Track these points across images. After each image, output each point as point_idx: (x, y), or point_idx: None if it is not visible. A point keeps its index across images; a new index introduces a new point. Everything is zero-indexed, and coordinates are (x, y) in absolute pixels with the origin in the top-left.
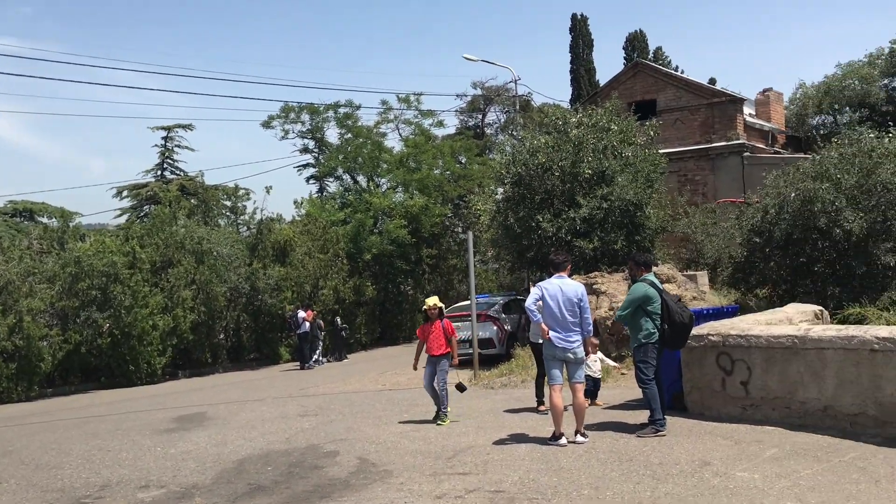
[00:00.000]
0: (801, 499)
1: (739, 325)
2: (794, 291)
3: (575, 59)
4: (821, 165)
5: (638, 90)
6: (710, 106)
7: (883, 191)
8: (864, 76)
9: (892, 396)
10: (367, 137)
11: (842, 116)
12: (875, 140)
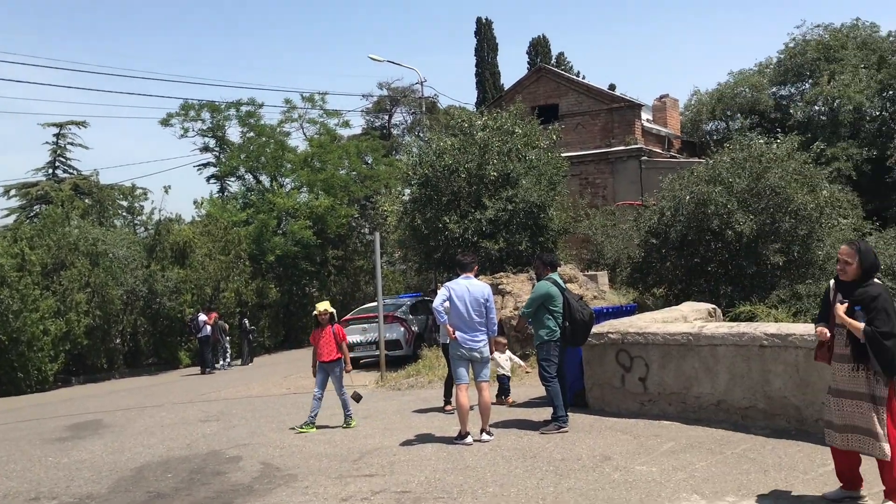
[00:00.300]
0: (696, 490)
1: (637, 324)
2: (689, 290)
3: (480, 62)
4: (714, 170)
5: (541, 94)
6: (610, 111)
7: (771, 194)
8: (755, 84)
9: (780, 390)
10: (270, 136)
11: (734, 122)
12: (764, 146)
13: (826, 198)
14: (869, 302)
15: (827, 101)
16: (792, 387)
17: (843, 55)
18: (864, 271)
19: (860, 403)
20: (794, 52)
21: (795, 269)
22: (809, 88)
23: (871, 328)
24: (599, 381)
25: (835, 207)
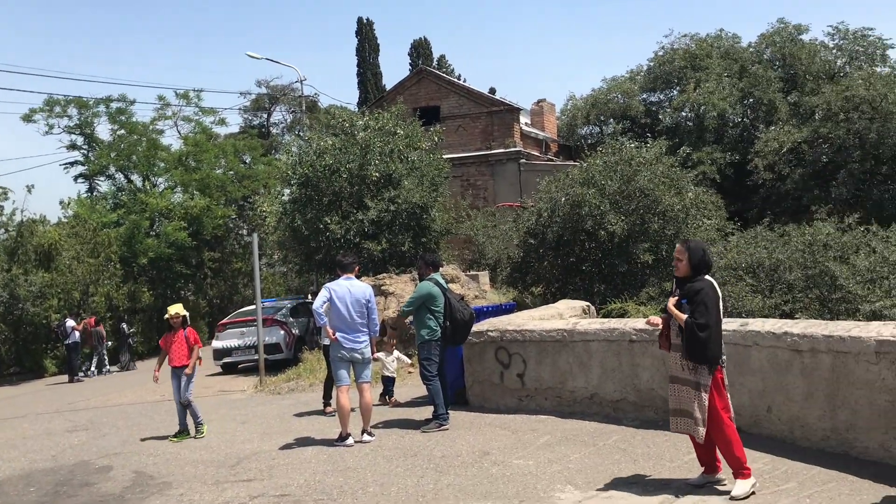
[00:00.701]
0: (570, 481)
1: (516, 321)
2: (566, 289)
3: (362, 62)
4: (587, 172)
5: (422, 96)
6: (490, 114)
7: (641, 196)
8: (626, 91)
9: (648, 382)
10: (142, 134)
11: (607, 127)
12: (634, 150)
13: (691, 199)
14: (692, 296)
15: (693, 108)
16: (659, 379)
17: (708, 64)
18: (694, 268)
19: (681, 388)
20: (662, 61)
21: (664, 268)
22: (677, 95)
23: (691, 319)
24: (479, 379)
25: (700, 209)
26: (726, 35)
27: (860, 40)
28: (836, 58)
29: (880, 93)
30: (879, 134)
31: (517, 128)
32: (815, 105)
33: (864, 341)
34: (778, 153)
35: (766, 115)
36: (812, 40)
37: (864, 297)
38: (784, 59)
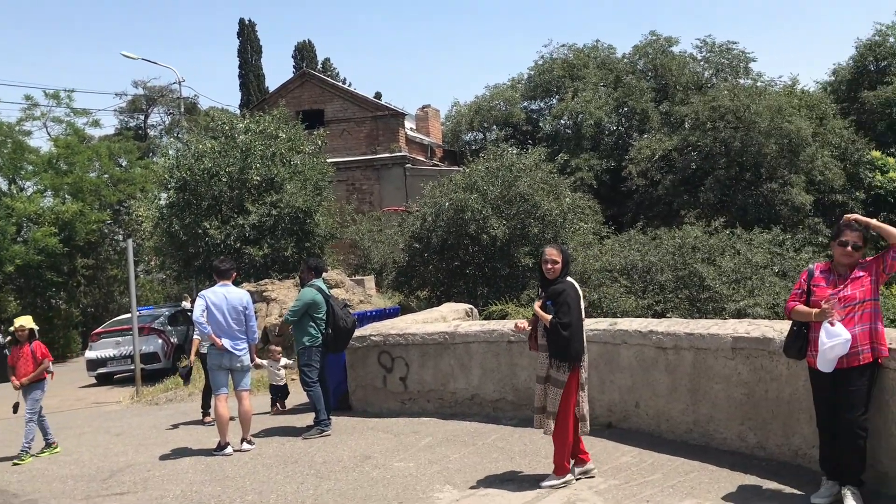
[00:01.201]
0: (448, 481)
1: (399, 325)
2: (450, 292)
3: (244, 64)
4: (470, 178)
5: (306, 99)
6: (375, 119)
7: (521, 201)
8: (508, 98)
9: (526, 382)
10: (7, 136)
11: (490, 133)
12: (515, 156)
13: (569, 204)
14: (556, 297)
15: (572, 116)
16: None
17: (586, 74)
18: (563, 270)
19: (544, 387)
20: (542, 70)
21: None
22: (556, 104)
23: (555, 319)
24: (362, 383)
25: (577, 213)
26: (602, 46)
27: (725, 53)
28: (704, 69)
29: (744, 103)
30: (743, 142)
31: (402, 133)
32: (685, 115)
33: (721, 338)
34: (650, 160)
35: (639, 124)
36: (682, 52)
37: (730, 297)
38: (656, 70)
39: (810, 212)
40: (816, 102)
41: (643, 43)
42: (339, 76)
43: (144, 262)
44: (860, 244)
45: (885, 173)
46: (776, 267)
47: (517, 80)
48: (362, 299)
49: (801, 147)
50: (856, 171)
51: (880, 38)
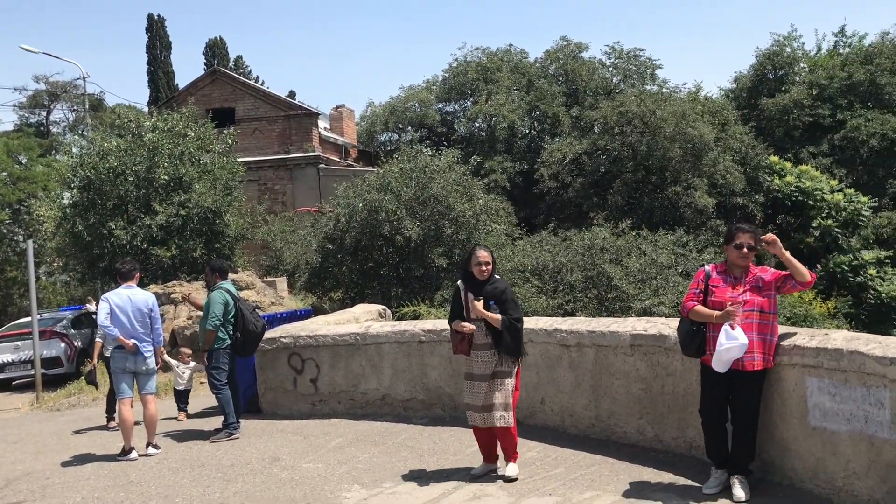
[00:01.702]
0: (357, 480)
1: (310, 327)
2: (364, 293)
3: (153, 60)
4: (384, 179)
5: (216, 97)
6: (288, 118)
7: (435, 202)
8: (423, 100)
9: (437, 381)
10: None
11: (405, 135)
12: (429, 158)
13: (482, 206)
14: (500, 296)
15: (485, 119)
16: (446, 377)
17: (499, 77)
18: (493, 270)
19: (496, 382)
20: (456, 72)
21: (457, 271)
22: (470, 106)
23: (507, 317)
24: (272, 386)
25: (490, 215)
26: (515, 50)
27: (633, 60)
28: (613, 75)
29: (650, 109)
30: (649, 147)
31: (316, 132)
32: (594, 119)
33: (621, 335)
34: (561, 163)
35: (551, 128)
36: (591, 58)
37: (636, 296)
38: (567, 75)
39: (712, 214)
40: (719, 109)
41: (554, 48)
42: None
43: (46, 264)
44: (753, 245)
45: (782, 177)
46: (680, 267)
47: (432, 81)
48: (274, 301)
49: (704, 152)
50: (755, 175)
51: (778, 48)
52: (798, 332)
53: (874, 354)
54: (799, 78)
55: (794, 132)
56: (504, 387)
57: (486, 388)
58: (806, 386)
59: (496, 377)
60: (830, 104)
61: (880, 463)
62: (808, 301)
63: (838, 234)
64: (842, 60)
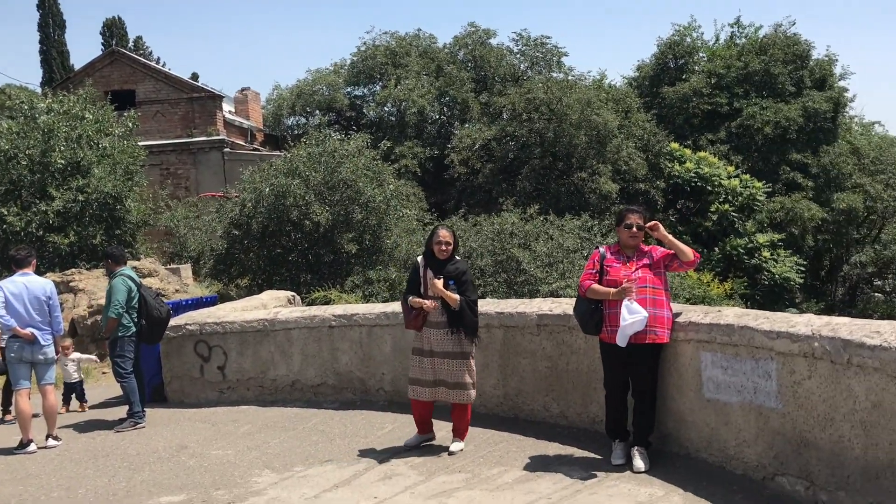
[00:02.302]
0: (268, 465)
1: (217, 314)
2: (272, 280)
3: (45, 39)
4: (292, 163)
5: (115, 79)
6: (191, 101)
7: (344, 187)
8: (331, 83)
9: (347, 366)
10: None
11: (313, 119)
12: (338, 142)
13: (392, 191)
14: (460, 276)
15: (395, 103)
16: (357, 361)
17: (408, 62)
18: (454, 251)
19: (452, 361)
20: (365, 56)
21: (367, 256)
22: (380, 91)
23: (465, 298)
24: (178, 374)
25: (400, 200)
26: (424, 35)
27: (540, 47)
28: (520, 62)
29: (556, 96)
30: (556, 134)
31: (220, 116)
32: (503, 106)
33: (528, 316)
34: (471, 149)
35: (460, 114)
36: (499, 45)
37: (544, 280)
38: (475, 61)
39: (616, 199)
40: (622, 97)
41: (463, 34)
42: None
43: None
44: (643, 224)
45: (682, 164)
46: (585, 251)
47: (340, 65)
48: (178, 288)
49: (608, 139)
50: (657, 161)
51: (679, 38)
52: (693, 309)
53: (762, 329)
54: (698, 67)
55: (694, 120)
56: (468, 366)
57: (437, 364)
58: (700, 360)
59: (458, 357)
60: (728, 93)
61: (768, 431)
62: (707, 283)
63: (735, 219)
64: (738, 51)
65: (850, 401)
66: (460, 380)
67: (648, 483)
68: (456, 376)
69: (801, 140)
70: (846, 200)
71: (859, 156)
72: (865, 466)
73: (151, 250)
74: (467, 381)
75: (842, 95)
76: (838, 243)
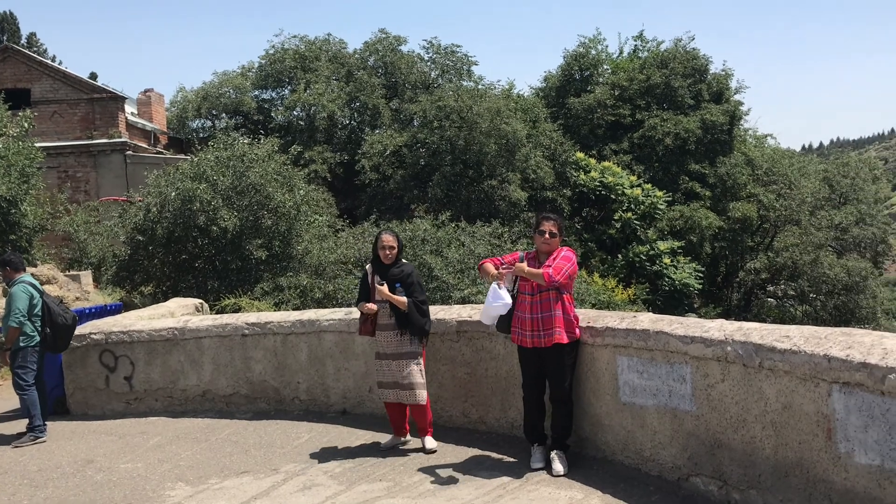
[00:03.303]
0: (181, 478)
1: (123, 322)
2: (178, 287)
3: None
4: (198, 167)
5: (8, 77)
6: (91, 101)
7: (253, 192)
8: (238, 86)
9: (261, 375)
10: None
11: (220, 122)
12: (247, 146)
13: (303, 196)
14: (405, 279)
15: (305, 108)
16: (271, 370)
17: (318, 66)
18: (399, 254)
19: (404, 363)
20: (274, 59)
21: (277, 263)
22: (289, 94)
23: (412, 299)
24: (82, 385)
25: (311, 205)
26: (334, 39)
27: (450, 55)
28: (431, 70)
29: (466, 104)
30: (466, 141)
31: (122, 117)
32: (414, 112)
33: (447, 322)
34: (382, 155)
35: (371, 119)
36: (410, 52)
37: (455, 286)
38: (386, 68)
39: (525, 207)
40: (530, 106)
41: (373, 40)
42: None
43: None
44: (556, 231)
45: (587, 173)
46: None
47: (248, 68)
48: (79, 296)
49: (517, 147)
50: (563, 170)
51: (584, 50)
52: (609, 315)
53: (677, 334)
54: (603, 79)
55: (598, 130)
56: (416, 366)
57: (392, 366)
58: (617, 364)
59: (405, 357)
60: (630, 105)
61: (682, 433)
62: (611, 288)
63: (637, 227)
64: (641, 63)
65: (761, 403)
66: (411, 380)
67: (568, 486)
68: (407, 377)
69: (700, 151)
70: (741, 209)
71: (753, 167)
72: (776, 465)
73: (49, 256)
74: (417, 381)
75: (737, 109)
76: (734, 250)
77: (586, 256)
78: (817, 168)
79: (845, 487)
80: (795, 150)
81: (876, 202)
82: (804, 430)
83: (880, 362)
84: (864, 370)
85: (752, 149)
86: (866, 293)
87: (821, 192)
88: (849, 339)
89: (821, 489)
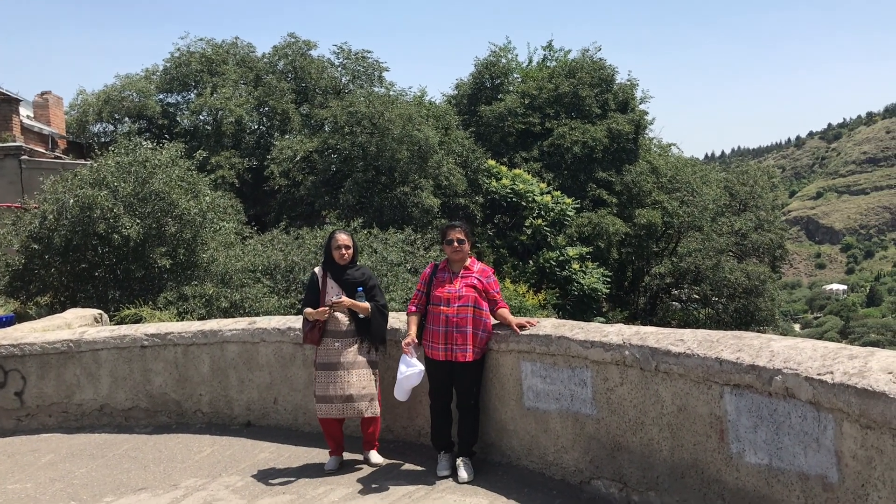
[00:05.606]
0: (74, 497)
1: (13, 335)
2: (77, 297)
3: None
4: (98, 173)
5: None
6: None
7: (157, 199)
8: (142, 90)
9: (162, 387)
10: None
11: (122, 126)
12: (149, 151)
13: (209, 203)
14: (367, 282)
15: (211, 112)
16: (172, 383)
17: (225, 70)
18: (354, 255)
19: (360, 372)
20: (179, 62)
21: (182, 272)
22: (195, 98)
23: (374, 304)
24: None
25: (217, 212)
26: (242, 43)
27: (361, 61)
28: (342, 75)
29: (378, 110)
30: (378, 147)
31: (17, 120)
32: (324, 118)
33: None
34: (292, 161)
35: (280, 124)
36: (320, 57)
37: None
38: (296, 72)
39: (438, 214)
40: (442, 114)
41: (282, 44)
42: None
43: None
44: (463, 238)
45: (499, 180)
46: (409, 264)
47: (152, 71)
48: None
49: (429, 154)
50: (476, 177)
51: (495, 59)
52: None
53: (577, 339)
54: (513, 87)
55: (509, 138)
56: (374, 376)
57: (344, 377)
58: (521, 370)
59: (366, 367)
60: (540, 113)
61: (584, 436)
62: (522, 294)
63: (547, 233)
64: (549, 73)
65: (658, 405)
66: (370, 391)
67: (473, 493)
68: (367, 387)
69: (607, 159)
70: (646, 216)
71: (658, 175)
72: (672, 467)
73: None
74: (374, 391)
75: (642, 118)
76: (640, 256)
77: (498, 262)
78: (719, 176)
79: (737, 487)
80: (698, 158)
81: (774, 209)
82: (698, 432)
83: (768, 364)
84: (752, 372)
85: (656, 157)
86: (765, 296)
87: (722, 200)
88: (739, 342)
89: (714, 489)
